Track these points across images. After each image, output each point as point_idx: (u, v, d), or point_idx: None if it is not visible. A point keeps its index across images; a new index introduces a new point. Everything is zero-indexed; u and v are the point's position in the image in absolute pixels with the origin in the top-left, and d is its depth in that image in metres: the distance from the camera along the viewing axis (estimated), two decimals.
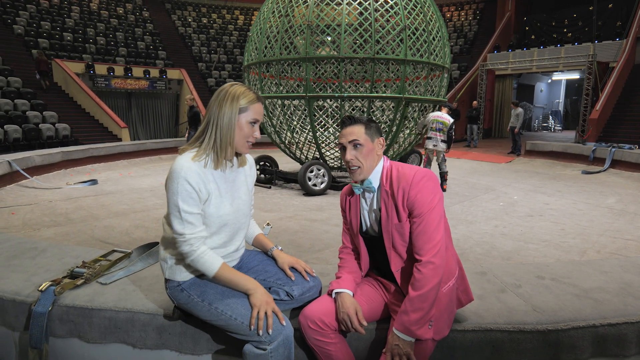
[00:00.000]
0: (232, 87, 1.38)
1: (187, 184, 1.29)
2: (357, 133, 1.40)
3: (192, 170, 1.31)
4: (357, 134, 1.40)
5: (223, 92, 1.37)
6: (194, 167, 1.32)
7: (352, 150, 1.40)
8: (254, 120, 1.39)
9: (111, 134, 12.40)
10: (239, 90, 1.37)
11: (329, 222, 4.65)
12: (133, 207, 5.23)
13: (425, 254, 1.28)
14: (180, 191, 1.29)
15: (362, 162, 1.39)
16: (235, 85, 1.39)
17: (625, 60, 12.94)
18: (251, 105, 1.38)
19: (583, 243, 3.91)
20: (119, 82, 14.52)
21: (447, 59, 6.45)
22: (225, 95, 1.36)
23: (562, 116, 23.41)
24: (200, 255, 1.34)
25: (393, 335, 1.27)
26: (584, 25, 15.95)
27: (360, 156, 1.39)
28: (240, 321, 1.32)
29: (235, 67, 18.37)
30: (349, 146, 1.41)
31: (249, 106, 1.37)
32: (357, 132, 1.40)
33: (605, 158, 8.25)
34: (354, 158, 1.40)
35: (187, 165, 1.31)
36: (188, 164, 1.31)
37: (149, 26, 18.84)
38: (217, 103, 1.36)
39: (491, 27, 18.89)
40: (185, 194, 1.30)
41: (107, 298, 1.62)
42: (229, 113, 1.35)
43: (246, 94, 1.38)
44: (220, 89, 1.39)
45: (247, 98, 1.37)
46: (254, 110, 1.38)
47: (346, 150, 1.41)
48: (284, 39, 5.96)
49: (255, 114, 1.39)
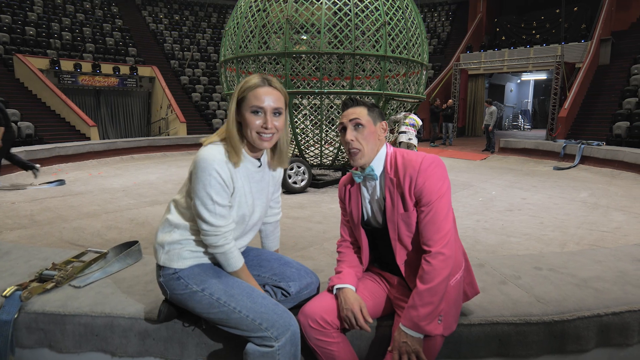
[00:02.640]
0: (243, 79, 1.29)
1: (218, 175, 1.22)
2: (359, 113, 1.31)
3: (224, 162, 1.23)
4: (359, 114, 1.31)
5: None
6: (225, 159, 1.25)
7: (353, 131, 1.31)
8: (256, 108, 1.25)
9: (79, 132, 11.85)
10: (243, 80, 1.28)
11: (311, 219, 4.56)
12: (105, 207, 4.97)
13: (434, 244, 1.20)
14: (212, 183, 1.22)
15: (363, 145, 1.30)
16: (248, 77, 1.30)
17: (591, 61, 13.46)
18: (249, 92, 1.26)
19: (562, 235, 3.98)
20: (86, 79, 13.90)
21: (425, 56, 6.48)
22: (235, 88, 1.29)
23: (530, 115, 24.22)
24: (231, 250, 1.29)
25: (400, 332, 1.18)
26: (551, 27, 16.52)
27: (361, 137, 1.30)
28: (245, 314, 1.21)
29: (210, 65, 17.98)
30: (349, 126, 1.32)
31: (247, 94, 1.26)
32: (360, 112, 1.31)
33: (575, 154, 8.53)
34: (354, 139, 1.30)
35: (219, 157, 1.23)
36: (220, 155, 1.23)
37: (118, 22, 18.17)
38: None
39: (463, 28, 19.29)
40: (217, 186, 1.23)
41: (82, 302, 1.47)
42: (231, 107, 1.28)
43: (247, 80, 1.27)
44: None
45: (245, 85, 1.26)
46: (253, 96, 1.25)
47: (346, 131, 1.32)
48: (262, 33, 5.82)
49: (254, 99, 1.25)
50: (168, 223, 1.33)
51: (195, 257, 1.32)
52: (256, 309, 1.22)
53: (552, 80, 13.89)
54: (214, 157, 1.21)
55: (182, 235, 1.31)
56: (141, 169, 8.37)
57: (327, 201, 5.52)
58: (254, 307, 1.22)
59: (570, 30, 15.69)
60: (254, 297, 1.25)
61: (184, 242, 1.31)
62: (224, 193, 1.24)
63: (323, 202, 5.44)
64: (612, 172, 7.46)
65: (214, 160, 1.21)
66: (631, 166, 7.19)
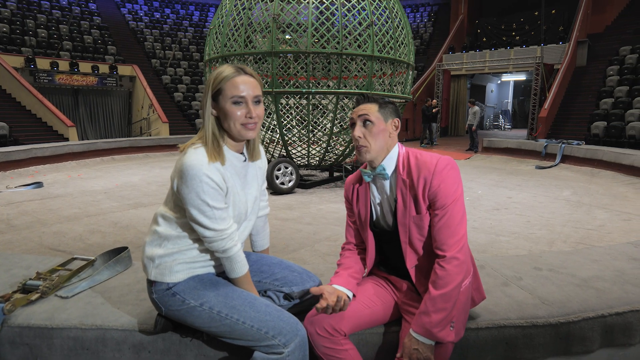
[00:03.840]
0: (213, 72, 1.22)
1: (210, 179, 1.15)
2: (368, 109, 1.27)
3: (212, 165, 1.17)
4: (369, 111, 1.27)
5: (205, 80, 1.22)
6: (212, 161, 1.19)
7: (361, 127, 1.27)
8: (237, 98, 1.19)
9: (56, 133, 11.46)
10: (215, 72, 1.21)
11: (300, 221, 4.50)
12: (86, 210, 4.80)
13: (448, 249, 1.17)
14: (205, 189, 1.15)
15: (370, 142, 1.26)
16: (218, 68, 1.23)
17: (569, 62, 13.81)
18: (226, 83, 1.19)
19: (550, 234, 4.04)
20: (64, 78, 13.47)
21: (411, 56, 6.50)
22: (206, 82, 1.21)
23: (511, 115, 24.74)
24: (239, 253, 1.23)
25: (411, 338, 1.15)
26: (530, 29, 16.89)
27: (368, 135, 1.26)
28: (250, 325, 1.15)
29: (192, 64, 17.70)
30: (358, 121, 1.28)
31: (223, 86, 1.19)
32: (370, 109, 1.27)
33: (556, 154, 8.72)
34: (361, 136, 1.26)
35: (205, 160, 1.16)
36: (205, 158, 1.17)
37: (97, 19, 17.69)
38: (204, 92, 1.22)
39: (445, 29, 19.54)
40: (211, 191, 1.16)
41: (71, 314, 1.38)
42: (206, 102, 1.20)
43: (220, 72, 1.20)
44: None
45: (219, 77, 1.19)
46: (231, 86, 1.18)
47: (355, 127, 1.28)
48: (247, 32, 5.73)
49: (233, 89, 1.18)
50: (157, 235, 1.25)
51: (189, 269, 1.25)
52: (261, 318, 1.16)
53: (531, 81, 14.21)
54: (200, 161, 1.15)
55: (173, 247, 1.24)
56: (123, 170, 8.15)
57: (315, 202, 5.48)
58: (258, 316, 1.17)
59: (548, 33, 16.07)
60: (256, 305, 1.19)
61: (175, 255, 1.24)
62: (219, 196, 1.18)
63: (312, 203, 5.40)
64: (591, 171, 7.65)
65: (202, 164, 1.14)
66: (610, 165, 7.38)
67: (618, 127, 10.42)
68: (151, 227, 1.29)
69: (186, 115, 15.26)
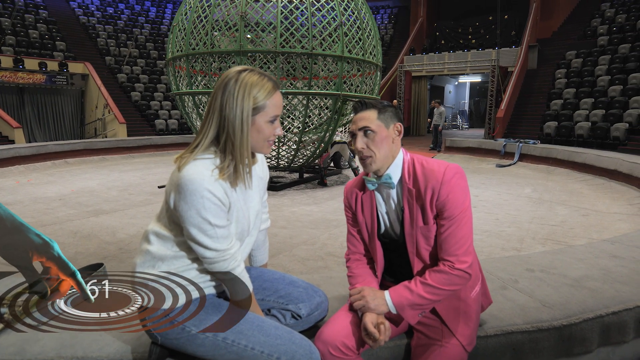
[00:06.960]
0: (243, 76, 1.08)
1: (212, 195, 1.04)
2: (368, 118, 1.21)
3: (214, 179, 1.05)
4: (368, 120, 1.21)
5: (231, 85, 1.07)
6: (215, 176, 1.07)
7: (363, 137, 1.21)
8: (274, 118, 1.12)
9: (0, 135, 10.60)
10: (250, 79, 1.08)
11: (274, 224, 4.39)
12: (40, 219, 4.43)
13: (456, 261, 1.15)
14: (207, 205, 1.04)
15: (375, 151, 1.20)
16: (244, 72, 1.09)
17: (521, 65, 14.55)
18: (269, 99, 1.09)
19: (518, 231, 4.19)
20: (7, 75, 12.46)
21: (379, 57, 6.56)
22: (236, 89, 1.06)
23: (467, 115, 25.79)
24: (242, 273, 1.14)
25: (380, 295, 1.19)
26: (485, 33, 17.64)
27: (372, 144, 1.20)
28: (260, 350, 1.06)
29: (149, 63, 16.95)
30: (359, 133, 1.22)
31: (266, 102, 1.09)
32: (369, 117, 1.21)
33: (514, 152, 9.13)
34: (365, 147, 1.20)
35: (207, 174, 1.05)
36: (208, 172, 1.05)
37: (43, 13, 16.53)
38: (226, 99, 1.06)
39: (406, 31, 20.00)
40: (213, 207, 1.05)
41: (45, 345, 1.22)
42: (240, 114, 1.06)
43: (261, 84, 1.08)
44: (225, 78, 1.09)
45: (263, 91, 1.08)
46: (273, 105, 1.10)
47: (356, 139, 1.22)
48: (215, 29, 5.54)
49: (275, 109, 1.11)
50: (150, 256, 1.13)
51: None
52: (271, 342, 1.07)
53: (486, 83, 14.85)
54: (202, 175, 1.04)
55: (169, 269, 1.12)
56: (78, 175, 7.64)
57: (287, 204, 5.38)
58: (268, 340, 1.07)
59: (502, 36, 16.86)
60: (265, 329, 1.10)
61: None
62: (221, 213, 1.08)
63: (284, 206, 5.30)
64: (547, 169, 8.07)
65: (204, 179, 1.04)
66: (564, 162, 7.82)
67: (568, 127, 11.08)
68: (141, 246, 1.15)
69: (145, 115, 14.58)
